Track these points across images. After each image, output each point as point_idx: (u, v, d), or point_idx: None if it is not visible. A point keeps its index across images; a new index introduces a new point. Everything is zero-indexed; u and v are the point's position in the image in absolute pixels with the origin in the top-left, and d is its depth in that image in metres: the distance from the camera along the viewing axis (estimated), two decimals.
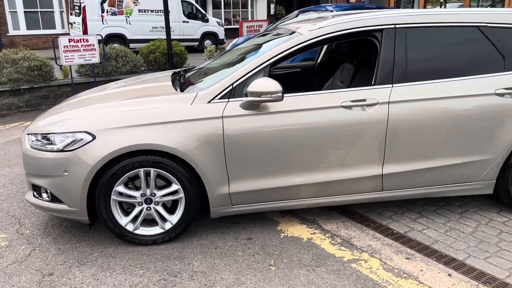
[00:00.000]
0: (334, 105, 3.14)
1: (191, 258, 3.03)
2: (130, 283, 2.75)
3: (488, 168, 3.39)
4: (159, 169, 3.04)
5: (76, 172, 2.98)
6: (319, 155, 3.19)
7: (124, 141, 2.95)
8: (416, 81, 3.25)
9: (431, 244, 3.17)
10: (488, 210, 3.67)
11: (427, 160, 3.31)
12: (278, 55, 3.19)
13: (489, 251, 3.07)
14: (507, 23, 3.39)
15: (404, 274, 2.81)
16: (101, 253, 3.11)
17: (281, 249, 3.13)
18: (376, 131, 3.18)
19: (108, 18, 16.51)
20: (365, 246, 3.16)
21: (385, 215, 3.63)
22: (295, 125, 3.10)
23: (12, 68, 7.20)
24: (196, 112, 3.04)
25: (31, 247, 3.21)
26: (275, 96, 2.94)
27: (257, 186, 3.18)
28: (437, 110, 3.22)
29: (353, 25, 3.29)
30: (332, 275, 2.81)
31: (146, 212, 3.15)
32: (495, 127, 3.30)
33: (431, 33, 3.34)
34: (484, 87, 3.27)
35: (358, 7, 10.15)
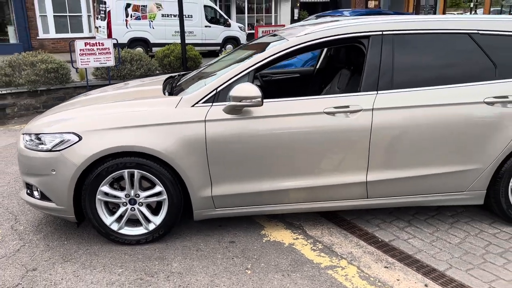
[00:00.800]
0: (317, 111, 3.14)
1: (171, 259, 3.08)
2: (107, 281, 2.83)
3: (477, 178, 3.32)
4: (143, 171, 3.11)
5: (63, 172, 3.08)
6: (301, 160, 3.19)
7: (108, 143, 3.04)
8: (402, 88, 3.22)
9: (414, 254, 3.13)
10: (480, 221, 3.58)
11: (413, 168, 3.26)
12: (262, 61, 3.22)
13: (473, 263, 3.00)
14: (499, 31, 3.32)
15: (379, 283, 2.79)
16: (86, 251, 3.20)
17: (261, 253, 3.14)
18: (359, 138, 3.17)
19: (132, 22, 16.89)
20: (346, 253, 3.14)
21: (373, 222, 3.59)
22: (277, 130, 3.12)
23: (30, 70, 7.47)
24: (179, 116, 3.10)
25: (22, 242, 3.33)
26: (254, 101, 2.97)
27: (239, 190, 3.21)
28: (423, 118, 3.18)
29: (340, 31, 3.29)
30: (306, 281, 2.81)
31: (130, 213, 3.23)
32: (483, 136, 3.22)
33: (419, 40, 3.30)
34: (472, 95, 3.21)
35: (374, 13, 10.08)
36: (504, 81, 3.26)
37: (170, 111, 3.13)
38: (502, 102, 3.21)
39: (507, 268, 2.93)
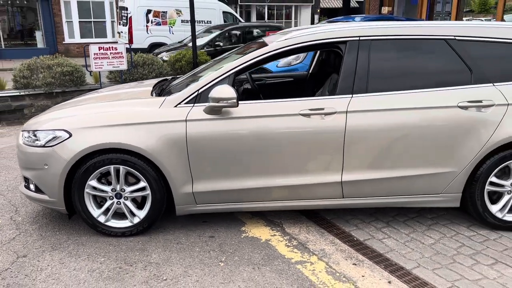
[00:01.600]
0: (292, 113, 3.28)
1: (151, 251, 3.26)
2: (89, 269, 3.02)
3: (452, 181, 3.38)
4: (128, 167, 3.31)
5: (54, 166, 3.31)
6: (278, 160, 3.33)
7: (95, 139, 3.25)
8: (377, 92, 3.32)
9: (385, 253, 3.22)
10: (459, 224, 3.63)
11: (387, 170, 3.35)
12: (242, 65, 3.38)
13: (441, 263, 3.07)
14: (476, 37, 3.39)
15: (343, 278, 2.89)
16: (75, 241, 3.41)
17: (237, 248, 3.29)
18: (334, 139, 3.28)
19: (153, 28, 17.34)
20: (318, 250, 3.25)
21: (352, 222, 3.69)
22: (255, 131, 3.27)
23: (46, 73, 7.83)
24: (162, 115, 3.29)
25: (18, 232, 3.57)
26: (230, 102, 3.13)
27: (219, 187, 3.37)
28: (397, 121, 3.27)
29: (318, 37, 3.43)
30: (274, 274, 2.94)
31: (116, 206, 3.43)
32: (457, 140, 3.29)
33: (396, 45, 3.40)
34: (446, 99, 3.29)
35: (386, 18, 10.12)
36: (479, 86, 3.32)
37: (154, 111, 3.33)
38: (477, 106, 3.27)
39: (474, 269, 2.99)
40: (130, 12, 16.85)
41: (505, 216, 3.47)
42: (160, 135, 3.25)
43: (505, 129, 3.26)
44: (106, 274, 2.96)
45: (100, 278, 2.91)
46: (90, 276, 2.94)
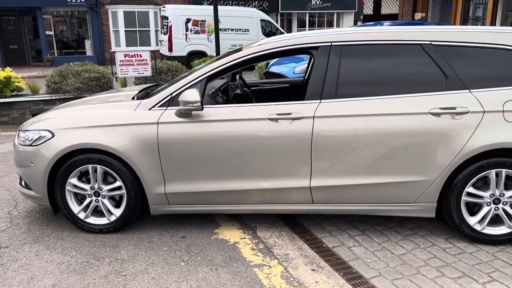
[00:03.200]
0: (260, 117, 3.31)
1: (122, 248, 3.39)
2: (59, 261, 3.20)
3: (426, 190, 3.27)
4: (104, 166, 3.47)
5: (39, 164, 3.53)
6: (247, 163, 3.36)
7: (74, 140, 3.44)
8: (347, 98, 3.28)
9: (350, 260, 3.16)
10: (438, 236, 3.50)
11: (357, 176, 3.30)
12: (215, 69, 3.46)
13: (404, 274, 2.98)
14: (452, 41, 3.28)
15: (296, 283, 2.88)
16: (56, 235, 3.62)
17: (203, 248, 3.35)
18: (301, 144, 3.28)
19: (192, 36, 17.85)
20: (282, 254, 3.25)
21: (328, 229, 3.65)
22: (224, 134, 3.33)
23: (75, 78, 8.30)
24: (136, 118, 3.43)
25: (9, 225, 3.83)
26: (195, 106, 3.22)
27: (190, 188, 3.46)
28: (366, 127, 3.22)
29: (291, 42, 3.45)
30: (229, 276, 2.97)
31: (94, 204, 3.60)
32: (429, 148, 3.19)
33: (369, 51, 3.36)
34: (418, 106, 3.20)
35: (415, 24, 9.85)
36: (454, 93, 3.20)
37: (129, 113, 3.48)
38: (450, 113, 3.16)
39: (436, 281, 2.88)
40: (170, 21, 17.44)
41: (484, 229, 3.31)
42: (133, 137, 3.39)
43: (480, 137, 3.12)
44: (73, 267, 3.12)
45: (66, 270, 3.07)
46: (57, 268, 3.11)
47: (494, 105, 3.14)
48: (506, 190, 3.24)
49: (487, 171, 3.18)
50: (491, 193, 3.24)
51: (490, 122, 3.13)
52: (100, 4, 21.29)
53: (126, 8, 21.42)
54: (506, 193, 3.23)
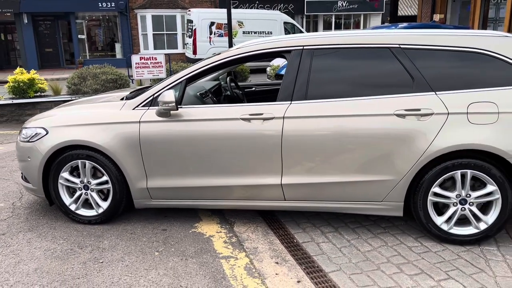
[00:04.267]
0: (234, 117, 3.49)
1: (105, 238, 3.65)
2: (45, 248, 3.48)
3: (392, 189, 3.36)
4: (92, 162, 3.74)
5: (34, 159, 3.84)
6: (223, 161, 3.55)
7: (64, 137, 3.72)
8: (317, 99, 3.41)
9: (315, 255, 3.29)
10: (409, 235, 3.57)
11: (326, 175, 3.42)
12: (194, 72, 3.66)
13: (363, 269, 3.08)
14: (420, 44, 3.35)
15: (256, 274, 3.04)
16: (50, 225, 3.91)
17: (179, 241, 3.56)
18: (272, 143, 3.43)
19: (215, 39, 18.18)
20: (251, 248, 3.42)
21: (302, 225, 3.78)
22: (200, 133, 3.53)
23: (93, 80, 8.72)
24: (121, 117, 3.68)
25: (11, 214, 4.17)
26: (170, 106, 3.44)
27: (170, 184, 3.67)
28: (334, 127, 3.34)
29: (265, 46, 3.61)
30: (196, 266, 3.17)
31: (84, 197, 3.87)
32: (395, 148, 3.27)
33: (339, 54, 3.48)
34: (383, 107, 3.29)
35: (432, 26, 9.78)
36: (419, 94, 3.28)
37: (115, 112, 3.73)
38: (414, 115, 3.24)
39: (392, 277, 2.97)
40: (195, 25, 17.85)
41: (451, 229, 3.36)
42: (117, 135, 3.64)
43: (444, 138, 3.18)
44: (57, 253, 3.39)
45: (50, 256, 3.35)
46: (43, 254, 3.39)
47: (459, 107, 3.19)
48: (473, 191, 3.28)
49: (452, 172, 3.24)
50: (457, 193, 3.29)
51: (454, 123, 3.19)
52: (130, 9, 21.99)
53: (154, 12, 22.06)
54: (473, 194, 3.27)
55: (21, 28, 21.25)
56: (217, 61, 3.66)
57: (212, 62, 3.66)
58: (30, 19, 21.22)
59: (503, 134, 3.13)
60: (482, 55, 3.28)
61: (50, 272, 3.13)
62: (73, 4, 21.06)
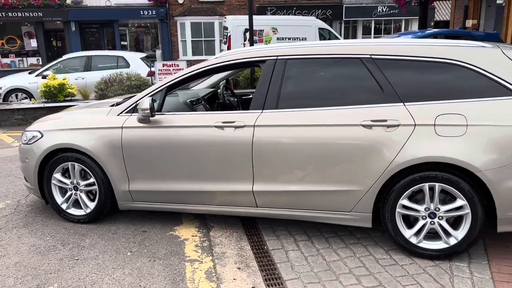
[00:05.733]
0: (208, 125, 3.60)
1: (88, 236, 3.85)
2: (31, 244, 3.73)
3: (359, 200, 3.34)
4: (80, 164, 3.97)
5: (31, 160, 4.12)
6: (198, 166, 3.66)
7: (56, 140, 3.98)
8: (287, 108, 3.46)
9: (279, 263, 3.33)
10: (381, 247, 3.53)
11: (295, 183, 3.45)
12: (174, 80, 3.81)
13: (322, 279, 3.09)
14: (391, 55, 3.32)
15: (214, 278, 3.12)
16: (44, 223, 4.18)
17: (155, 242, 3.70)
18: (243, 150, 3.51)
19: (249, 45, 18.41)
20: (219, 252, 3.50)
21: (277, 233, 3.82)
22: (175, 139, 3.66)
23: (118, 86, 9.13)
24: (106, 122, 3.89)
25: (13, 211, 4.48)
26: (146, 113, 3.60)
27: (150, 187, 3.83)
28: (302, 136, 3.37)
29: (241, 56, 3.70)
30: (161, 267, 3.29)
31: (74, 197, 4.11)
32: (361, 159, 3.26)
33: (312, 64, 3.51)
34: (351, 117, 3.29)
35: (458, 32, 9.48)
36: (387, 105, 3.25)
37: (102, 118, 3.94)
38: (381, 126, 3.21)
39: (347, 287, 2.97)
40: (230, 31, 18.15)
41: (420, 243, 3.29)
42: (102, 139, 3.85)
43: (410, 150, 3.14)
44: (40, 249, 3.63)
45: (33, 252, 3.59)
46: (28, 249, 3.63)
47: (426, 118, 3.14)
48: (443, 204, 3.20)
49: (420, 184, 3.18)
50: (426, 207, 3.22)
51: (421, 135, 3.13)
52: (170, 16, 22.68)
53: (193, 20, 22.61)
54: (442, 208, 3.19)
55: (69, 36, 22.46)
56: (196, 70, 3.78)
57: (191, 72, 3.79)
58: (78, 27, 22.38)
59: (471, 147, 3.04)
60: (455, 66, 3.20)
61: (28, 266, 3.36)
62: (117, 12, 22.01)
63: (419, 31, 10.04)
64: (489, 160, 3.01)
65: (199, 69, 3.78)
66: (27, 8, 21.16)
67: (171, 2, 22.61)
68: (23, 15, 21.36)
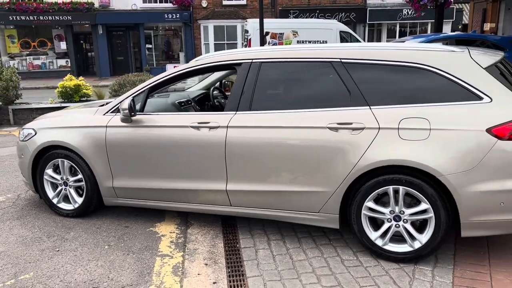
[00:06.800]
0: (185, 125, 3.73)
1: (74, 230, 4.04)
2: (20, 235, 3.95)
3: (326, 201, 3.39)
4: (69, 161, 4.17)
5: (26, 156, 4.36)
6: (176, 165, 3.79)
7: (46, 138, 4.20)
8: (259, 110, 3.55)
9: (246, 260, 3.41)
10: (350, 249, 3.56)
11: (266, 183, 3.53)
12: (155, 82, 3.96)
13: (283, 277, 3.16)
14: (360, 59, 3.36)
15: (179, 273, 3.24)
16: (36, 216, 4.40)
17: (133, 237, 3.86)
18: (217, 150, 3.62)
19: None
20: (192, 249, 3.62)
21: (253, 232, 3.91)
22: (154, 138, 3.81)
23: (130, 87, 9.41)
24: (93, 121, 4.08)
25: (12, 204, 4.74)
26: (125, 113, 3.76)
27: (131, 184, 3.99)
28: (272, 138, 3.45)
29: (219, 59, 3.82)
30: (133, 260, 3.44)
31: (64, 192, 4.32)
32: (327, 161, 3.31)
33: (284, 68, 3.59)
34: (318, 120, 3.35)
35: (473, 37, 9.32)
36: (354, 108, 3.29)
37: (89, 117, 4.14)
38: (346, 128, 3.26)
39: (306, 286, 3.02)
40: (250, 35, 18.32)
41: (386, 245, 3.31)
42: (89, 137, 4.04)
43: (374, 153, 3.17)
44: (26, 240, 3.84)
45: (19, 242, 3.80)
46: (15, 240, 3.85)
47: (390, 122, 3.16)
48: (407, 208, 3.22)
49: (384, 187, 3.21)
50: (391, 209, 3.25)
51: (385, 138, 3.16)
52: (194, 20, 23.09)
53: (216, 23, 22.94)
54: (406, 211, 3.21)
55: (96, 38, 23.18)
56: (177, 72, 3.92)
57: (171, 74, 3.94)
58: (105, 30, 23.07)
59: (433, 151, 3.05)
60: (422, 70, 3.22)
61: (11, 255, 3.57)
62: (142, 16, 22.59)
63: (432, 35, 9.90)
64: (451, 165, 3.01)
65: (180, 71, 3.92)
66: (57, 12, 21.98)
67: (195, 5, 23.00)
68: (54, 19, 22.21)
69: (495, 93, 3.05)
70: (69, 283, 3.15)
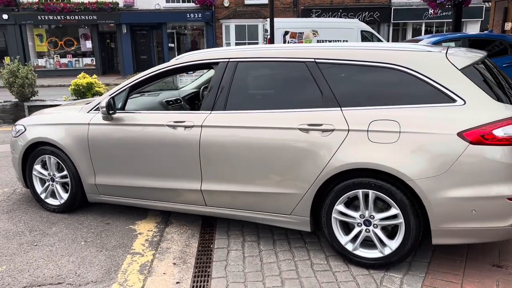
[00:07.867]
0: (161, 124, 3.73)
1: (56, 225, 4.11)
2: (4, 229, 4.05)
3: (297, 203, 3.33)
4: (55, 157, 4.25)
5: (16, 151, 4.48)
6: (153, 163, 3.80)
7: (33, 134, 4.29)
8: (234, 110, 3.52)
9: (216, 261, 3.38)
10: (323, 253, 3.48)
11: (238, 184, 3.50)
12: (136, 80, 3.98)
13: (247, 279, 3.12)
14: (333, 59, 3.28)
15: (145, 272, 3.25)
16: (25, 210, 4.51)
17: (111, 235, 3.89)
18: (192, 150, 3.61)
19: None
20: (164, 248, 3.62)
21: (230, 232, 3.88)
22: (132, 136, 3.82)
23: None
24: (77, 119, 4.14)
25: (5, 198, 4.87)
26: (103, 111, 3.80)
27: (112, 182, 4.03)
28: (245, 138, 3.41)
29: (197, 57, 3.80)
30: (104, 257, 3.47)
31: (51, 188, 4.41)
32: (297, 162, 3.25)
33: (260, 68, 3.55)
34: (289, 121, 3.28)
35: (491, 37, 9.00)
36: (325, 110, 3.21)
37: (74, 115, 4.20)
38: (317, 130, 3.19)
39: None
40: (269, 34, 18.27)
41: (356, 250, 3.22)
42: (72, 134, 4.10)
43: (342, 156, 3.09)
44: (9, 234, 3.93)
45: (1, 236, 3.90)
46: None
47: (360, 124, 3.07)
48: (378, 212, 3.12)
49: (354, 191, 3.12)
50: (361, 214, 3.16)
51: (354, 141, 3.07)
52: (216, 19, 23.21)
53: (238, 22, 22.99)
54: (376, 216, 3.11)
55: (120, 37, 23.63)
56: (157, 71, 3.93)
57: (152, 72, 3.95)
58: (129, 29, 23.49)
59: (402, 154, 2.95)
60: (395, 71, 3.11)
61: None
62: (165, 15, 22.87)
63: (449, 34, 9.60)
64: (421, 169, 2.90)
65: (159, 69, 3.93)
66: (83, 12, 22.52)
67: (217, 5, 23.12)
68: (80, 18, 22.76)
69: (469, 96, 2.91)
70: (37, 277, 3.20)
